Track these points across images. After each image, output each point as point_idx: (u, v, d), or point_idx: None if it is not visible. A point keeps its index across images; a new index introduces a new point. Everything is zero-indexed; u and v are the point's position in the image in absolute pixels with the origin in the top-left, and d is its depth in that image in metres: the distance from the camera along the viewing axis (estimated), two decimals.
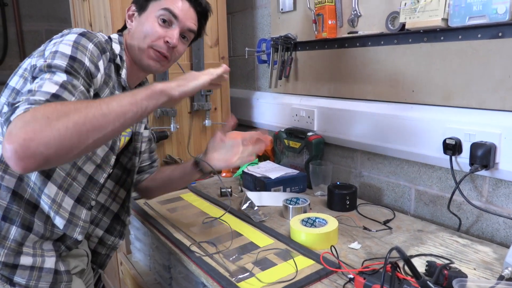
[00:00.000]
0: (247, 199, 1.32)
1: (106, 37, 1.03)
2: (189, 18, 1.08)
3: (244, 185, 1.56)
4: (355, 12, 1.39)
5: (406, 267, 0.80)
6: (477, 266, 0.95)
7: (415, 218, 1.26)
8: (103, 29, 1.61)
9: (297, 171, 1.52)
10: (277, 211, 1.31)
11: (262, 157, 1.78)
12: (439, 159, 1.17)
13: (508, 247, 1.03)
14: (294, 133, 1.64)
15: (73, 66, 0.82)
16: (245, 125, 2.07)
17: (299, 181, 1.49)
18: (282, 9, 1.72)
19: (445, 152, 1.14)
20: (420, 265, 0.94)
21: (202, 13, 1.11)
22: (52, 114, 0.68)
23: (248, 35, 2.04)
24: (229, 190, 1.47)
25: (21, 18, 2.79)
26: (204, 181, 1.67)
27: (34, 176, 0.89)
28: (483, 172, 1.09)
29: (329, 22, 1.46)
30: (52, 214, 0.92)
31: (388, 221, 1.21)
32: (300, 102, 1.68)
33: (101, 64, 0.91)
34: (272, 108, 1.86)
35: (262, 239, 1.10)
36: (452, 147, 1.12)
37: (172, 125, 1.69)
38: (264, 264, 0.96)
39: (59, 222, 0.94)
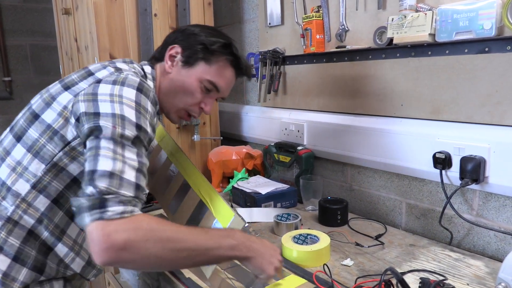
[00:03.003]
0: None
1: (142, 72, 1.01)
2: (229, 87, 1.09)
3: (234, 201, 1.54)
4: (342, 27, 1.40)
5: (399, 285, 0.79)
6: (470, 282, 0.94)
7: (406, 232, 1.25)
8: (88, 45, 1.60)
9: (288, 186, 1.51)
10: (268, 228, 1.29)
11: (252, 172, 1.77)
12: (429, 173, 1.18)
13: (499, 260, 1.03)
14: (284, 147, 1.63)
15: (139, 137, 0.81)
16: (234, 139, 2.06)
17: (289, 196, 1.48)
18: (270, 24, 1.72)
19: (435, 166, 1.14)
20: (413, 281, 0.93)
21: None
22: (149, 237, 0.72)
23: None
24: None
25: (5, 33, 2.75)
26: None
27: (57, 219, 0.88)
28: (473, 186, 1.09)
29: (317, 36, 1.47)
30: (72, 255, 0.91)
31: (380, 235, 1.20)
32: (289, 116, 1.67)
33: (154, 122, 0.90)
34: (262, 122, 1.85)
35: None
36: (442, 161, 1.12)
37: None
38: (255, 283, 0.94)
39: (78, 263, 0.92)
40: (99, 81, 0.87)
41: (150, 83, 1.01)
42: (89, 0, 1.51)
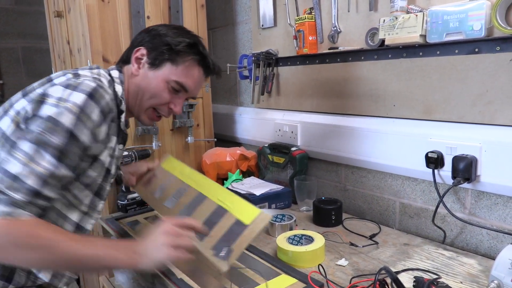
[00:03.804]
0: None
1: (109, 77, 1.00)
2: (198, 87, 1.08)
3: None
4: (335, 28, 1.41)
5: (394, 284, 0.80)
6: (464, 280, 0.95)
7: (400, 232, 1.26)
8: (81, 47, 1.59)
9: (282, 187, 1.51)
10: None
11: (246, 173, 1.77)
12: (422, 172, 1.19)
13: (492, 258, 1.04)
14: (277, 148, 1.63)
15: (67, 145, 0.81)
16: (228, 140, 2.06)
17: (284, 196, 1.48)
18: (262, 25, 1.73)
19: (427, 166, 1.15)
20: (407, 280, 0.94)
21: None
22: (19, 243, 0.76)
23: (229, 51, 2.05)
24: None
25: None
26: None
27: None
28: (465, 185, 1.10)
29: (310, 38, 1.48)
30: None
31: (374, 235, 1.21)
32: (283, 117, 1.68)
33: (102, 131, 0.88)
34: (255, 124, 1.85)
35: None
36: (434, 161, 1.13)
37: (154, 143, 1.67)
38: (248, 284, 0.95)
39: (46, 272, 0.90)
40: (54, 85, 0.87)
41: (118, 87, 1.00)
42: (81, 2, 1.50)
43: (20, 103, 0.87)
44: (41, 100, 0.83)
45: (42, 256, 0.78)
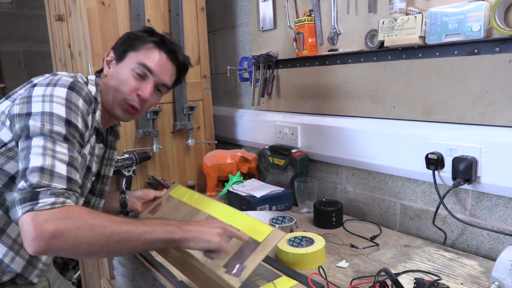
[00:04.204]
0: None
1: (85, 79, 1.06)
2: (165, 71, 1.11)
3: (229, 205, 1.54)
4: (334, 30, 1.41)
5: (394, 286, 0.80)
6: (464, 281, 0.95)
7: (401, 233, 1.26)
8: (82, 51, 1.60)
9: (282, 189, 1.51)
10: None
11: (247, 175, 1.77)
12: (422, 173, 1.19)
13: (493, 259, 1.04)
14: (278, 150, 1.64)
15: (70, 132, 0.86)
16: (229, 143, 2.06)
17: (284, 198, 1.48)
18: (262, 28, 1.73)
19: (427, 167, 1.15)
20: (408, 282, 0.93)
21: (181, 66, 1.16)
22: (79, 225, 0.76)
23: (229, 53, 2.05)
24: None
25: None
26: None
27: None
28: (465, 186, 1.10)
29: (310, 40, 1.48)
30: (11, 255, 0.90)
31: (374, 237, 1.21)
32: (283, 119, 1.68)
33: (89, 119, 0.95)
34: (256, 126, 1.85)
35: None
36: (434, 162, 1.13)
37: (154, 146, 1.67)
38: (248, 286, 0.94)
39: (18, 263, 0.92)
40: (34, 85, 0.92)
41: (92, 87, 1.06)
42: (82, 6, 1.51)
43: (4, 104, 0.93)
44: (27, 101, 0.87)
45: (101, 234, 0.78)
